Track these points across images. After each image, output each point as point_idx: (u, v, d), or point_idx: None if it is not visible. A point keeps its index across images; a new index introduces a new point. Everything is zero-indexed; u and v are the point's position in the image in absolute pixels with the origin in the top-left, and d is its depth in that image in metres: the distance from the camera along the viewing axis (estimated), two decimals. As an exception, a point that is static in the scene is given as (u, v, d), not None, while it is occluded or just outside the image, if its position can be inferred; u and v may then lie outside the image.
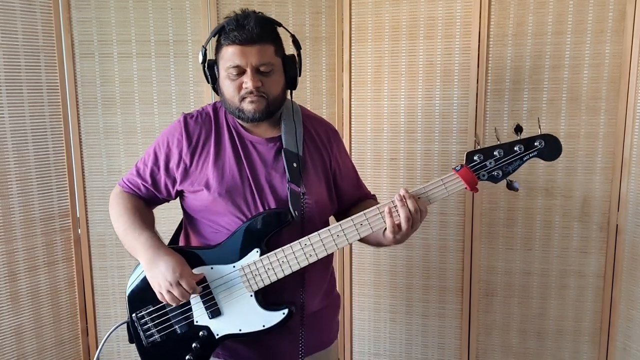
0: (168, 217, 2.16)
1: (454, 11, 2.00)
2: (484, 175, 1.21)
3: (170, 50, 2.07)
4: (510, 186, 1.22)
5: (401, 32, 2.06)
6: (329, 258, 1.34)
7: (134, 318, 1.33)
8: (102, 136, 2.09)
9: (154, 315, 1.32)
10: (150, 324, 1.32)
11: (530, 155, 1.20)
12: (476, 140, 1.24)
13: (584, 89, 1.92)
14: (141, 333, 1.33)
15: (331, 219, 1.46)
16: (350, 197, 1.45)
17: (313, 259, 1.25)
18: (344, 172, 1.43)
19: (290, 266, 1.25)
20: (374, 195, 1.51)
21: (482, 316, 2.14)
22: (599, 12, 1.87)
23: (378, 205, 1.23)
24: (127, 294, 1.35)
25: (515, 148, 1.19)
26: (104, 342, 1.41)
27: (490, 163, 1.20)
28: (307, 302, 1.34)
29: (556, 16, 1.91)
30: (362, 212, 1.23)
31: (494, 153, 1.20)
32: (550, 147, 1.20)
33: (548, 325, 2.09)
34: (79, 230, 2.11)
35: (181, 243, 1.47)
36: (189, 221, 1.41)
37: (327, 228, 1.24)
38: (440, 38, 2.02)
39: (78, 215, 2.11)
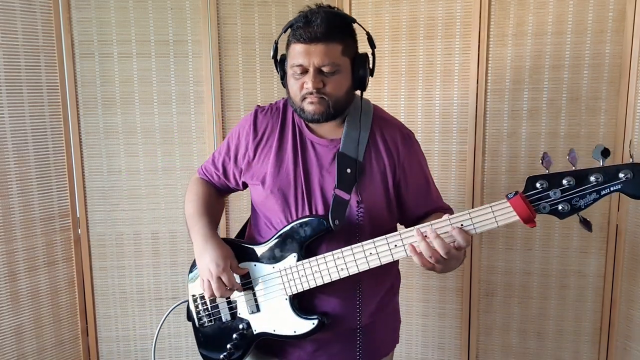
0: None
1: (454, 11, 2.00)
2: (544, 208, 1.00)
3: (170, 50, 2.07)
4: (584, 225, 1.02)
5: (401, 32, 2.06)
6: (386, 269, 1.26)
7: (190, 299, 1.39)
8: (102, 136, 2.08)
9: (205, 300, 1.36)
10: (201, 308, 1.37)
11: (611, 189, 0.97)
12: (543, 162, 0.99)
13: (584, 89, 1.92)
14: (194, 314, 1.38)
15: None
16: (417, 209, 1.34)
17: (344, 274, 1.20)
18: (410, 181, 1.31)
19: (322, 276, 1.21)
20: (450, 208, 1.38)
21: (482, 316, 2.14)
22: (599, 12, 1.87)
23: (414, 227, 1.12)
24: (187, 276, 1.41)
25: (591, 177, 0.97)
26: (165, 317, 1.47)
27: (555, 193, 0.99)
28: (352, 313, 1.28)
29: (556, 16, 1.91)
30: (398, 232, 1.15)
31: (563, 182, 0.98)
32: (639, 181, 0.95)
33: (548, 325, 2.09)
34: (79, 230, 2.11)
35: (246, 233, 1.48)
36: (253, 213, 1.42)
37: (361, 243, 1.17)
38: (440, 38, 2.02)
39: (78, 215, 2.11)
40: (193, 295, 1.38)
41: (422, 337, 2.21)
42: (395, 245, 1.14)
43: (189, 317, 1.41)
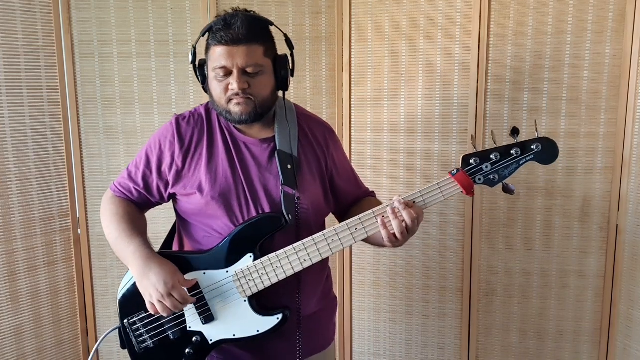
0: (167, 217, 2.16)
1: (454, 11, 2.00)
2: (480, 179, 1.20)
3: (170, 50, 2.07)
4: (506, 189, 1.21)
5: (401, 32, 2.06)
6: (324, 261, 1.32)
7: (126, 324, 1.31)
8: (102, 136, 2.08)
9: (146, 322, 1.30)
10: (142, 330, 1.30)
11: (527, 158, 1.19)
12: (472, 142, 1.24)
13: (584, 89, 1.92)
14: (133, 339, 1.31)
15: (330, 218, 1.46)
16: (349, 197, 1.43)
17: (307, 264, 1.23)
18: (341, 171, 1.40)
19: (284, 271, 1.23)
20: (373, 192, 1.50)
21: (482, 316, 2.14)
22: (599, 12, 1.87)
23: (373, 210, 1.21)
24: (118, 300, 1.33)
25: (511, 151, 1.18)
26: (97, 346, 1.40)
27: (486, 167, 1.19)
28: (303, 305, 1.32)
29: (556, 16, 1.91)
30: (357, 217, 1.21)
31: (491, 156, 1.19)
32: (547, 151, 1.18)
33: (548, 325, 2.09)
34: (79, 230, 2.11)
35: (174, 246, 1.45)
36: (182, 224, 1.39)
37: (321, 232, 1.22)
38: (440, 38, 2.02)
39: (78, 215, 2.11)
40: (129, 319, 1.31)
41: (422, 337, 2.21)
42: (356, 229, 1.22)
43: (124, 344, 1.33)
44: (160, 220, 2.15)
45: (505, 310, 2.12)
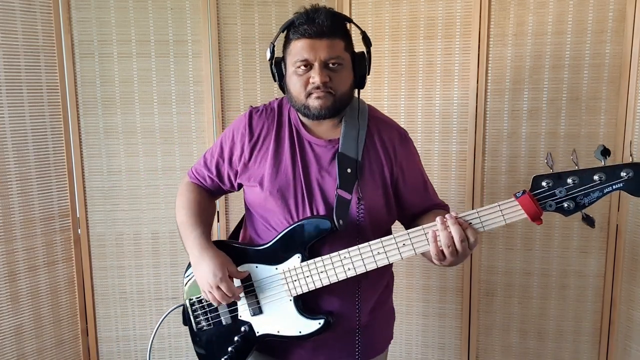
0: (167, 216, 2.16)
1: (454, 11, 2.00)
2: (550, 206, 1.05)
3: (170, 50, 2.07)
4: (587, 220, 1.06)
5: (401, 32, 2.06)
6: (383, 268, 1.26)
7: (187, 304, 1.38)
8: (102, 136, 2.09)
9: (204, 304, 1.35)
10: (200, 312, 1.36)
11: (614, 187, 1.02)
12: (547, 161, 1.04)
13: (584, 89, 1.92)
14: (192, 318, 1.37)
15: (397, 225, 1.40)
16: (415, 207, 1.35)
17: (352, 274, 1.19)
18: (408, 179, 1.32)
19: (328, 277, 1.21)
20: (446, 205, 1.40)
21: (482, 316, 2.14)
22: (599, 12, 1.87)
23: (424, 226, 1.14)
24: (184, 279, 1.39)
25: (594, 177, 1.02)
26: (162, 320, 1.48)
27: (560, 192, 1.04)
28: (351, 313, 1.29)
29: (556, 16, 1.91)
30: (406, 232, 1.16)
31: (567, 180, 1.03)
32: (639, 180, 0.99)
33: (548, 325, 2.09)
34: (79, 230, 2.11)
35: (241, 235, 1.47)
36: (247, 214, 1.41)
37: (368, 243, 1.18)
38: (440, 38, 2.02)
39: (78, 215, 2.11)
40: (190, 299, 1.37)
41: (422, 337, 2.21)
42: (404, 244, 1.15)
43: (186, 321, 1.40)
44: (160, 220, 2.16)
45: (505, 310, 2.12)
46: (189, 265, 1.37)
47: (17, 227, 1.96)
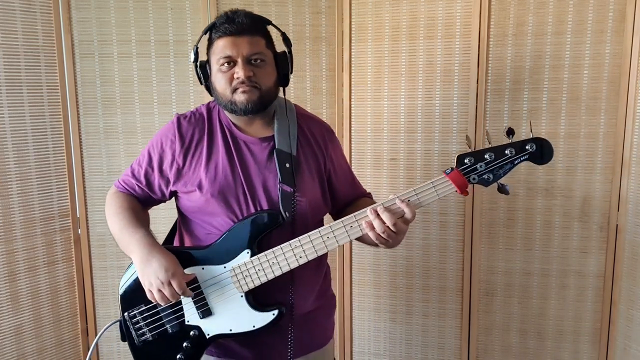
0: (167, 216, 2.16)
1: (454, 11, 2.00)
2: (474, 179, 1.20)
3: (170, 50, 2.07)
4: (501, 189, 1.21)
5: (401, 32, 2.06)
6: (321, 258, 1.35)
7: (126, 317, 1.33)
8: (102, 136, 2.09)
9: (145, 315, 1.32)
10: (142, 323, 1.32)
11: (521, 158, 1.19)
12: (467, 142, 1.22)
13: (584, 89, 1.92)
14: (133, 332, 1.33)
15: (327, 217, 1.46)
16: (346, 197, 1.45)
17: (303, 261, 1.24)
18: (339, 171, 1.42)
19: (280, 267, 1.25)
20: (369, 193, 1.51)
21: (482, 316, 2.14)
22: (599, 12, 1.87)
23: (367, 208, 1.22)
24: (119, 293, 1.36)
25: (506, 151, 1.18)
26: (97, 340, 1.42)
27: (481, 166, 1.19)
28: (299, 302, 1.34)
29: (556, 16, 1.91)
30: (352, 215, 1.22)
31: (485, 156, 1.19)
32: (541, 151, 1.18)
33: (548, 325, 2.09)
34: (79, 230, 2.11)
35: (175, 243, 1.47)
36: (183, 221, 1.41)
37: (317, 230, 1.23)
38: (440, 38, 2.02)
39: (78, 215, 2.11)
40: (129, 312, 1.33)
41: (422, 337, 2.21)
42: (352, 227, 1.23)
43: (124, 337, 1.35)
44: (160, 220, 2.15)
45: (505, 310, 2.12)
46: (125, 278, 1.34)
47: (17, 227, 1.96)
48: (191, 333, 1.30)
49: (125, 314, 1.33)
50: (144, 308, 1.32)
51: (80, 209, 2.10)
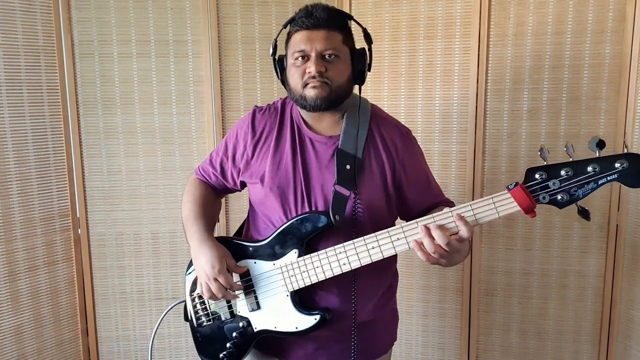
0: (167, 216, 2.16)
1: (454, 11, 2.00)
2: (544, 198, 1.03)
3: (170, 50, 2.07)
4: (582, 213, 1.04)
5: (401, 32, 2.06)
6: (383, 269, 1.29)
7: (189, 298, 1.38)
8: (102, 136, 2.09)
9: (203, 299, 1.35)
10: (200, 307, 1.36)
11: (609, 178, 1.00)
12: (541, 154, 1.03)
13: (584, 89, 1.92)
14: (192, 314, 1.38)
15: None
16: (419, 205, 1.34)
17: (346, 268, 1.19)
18: (410, 177, 1.32)
19: (323, 272, 1.21)
20: (451, 201, 1.38)
21: (482, 316, 2.14)
22: (599, 12, 1.87)
23: (417, 220, 1.13)
24: (185, 275, 1.40)
25: (588, 168, 1.00)
26: (163, 317, 1.49)
27: (554, 184, 1.02)
28: (358, 310, 1.29)
29: (556, 16, 1.91)
30: (399, 226, 1.15)
31: (561, 172, 1.01)
32: (635, 170, 0.99)
33: (548, 325, 2.09)
34: (79, 230, 2.11)
35: (244, 233, 1.48)
36: (251, 212, 1.42)
37: (362, 237, 1.18)
38: (440, 38, 2.02)
39: (78, 215, 2.11)
40: (191, 295, 1.38)
41: (422, 337, 2.21)
42: (398, 238, 1.14)
43: (187, 317, 1.41)
44: (160, 220, 2.16)
45: (505, 310, 2.12)
46: (191, 262, 1.38)
47: (17, 227, 1.96)
48: (240, 324, 1.31)
49: (188, 296, 1.38)
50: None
51: (80, 209, 2.10)
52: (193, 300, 1.37)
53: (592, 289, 2.02)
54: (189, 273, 1.40)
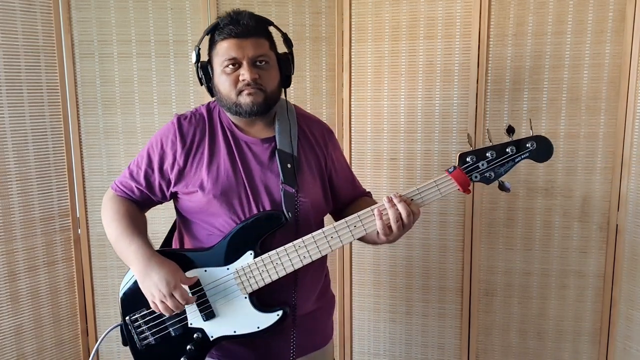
0: (166, 216, 2.16)
1: (454, 11, 2.00)
2: (476, 177, 1.22)
3: (170, 50, 2.07)
4: (502, 187, 1.23)
5: (401, 32, 2.06)
6: (322, 259, 1.35)
7: (128, 321, 1.32)
8: (102, 136, 2.09)
9: (147, 318, 1.31)
10: (144, 327, 1.31)
11: (522, 156, 1.21)
12: (469, 141, 1.23)
13: (584, 89, 1.92)
14: (135, 336, 1.32)
15: (327, 218, 1.46)
16: (346, 196, 1.45)
17: (307, 261, 1.24)
18: (339, 171, 1.42)
19: (284, 268, 1.24)
20: (369, 192, 1.51)
21: (482, 316, 2.14)
22: (599, 12, 1.87)
23: (371, 207, 1.22)
24: (119, 297, 1.34)
25: (507, 149, 1.20)
26: (99, 344, 1.39)
27: (482, 164, 1.21)
28: (301, 303, 1.34)
29: (556, 16, 1.91)
30: (355, 214, 1.23)
31: (487, 154, 1.20)
32: (541, 149, 1.20)
33: (548, 325, 2.09)
34: (79, 230, 2.11)
35: (174, 245, 1.46)
36: (183, 223, 1.40)
37: (320, 230, 1.23)
38: (440, 38, 2.02)
39: (78, 215, 2.11)
40: (130, 316, 1.32)
41: (422, 337, 2.21)
42: (355, 226, 1.23)
43: (126, 341, 1.34)
44: (160, 220, 2.15)
45: (505, 310, 2.12)
46: (125, 282, 1.33)
47: (17, 227, 1.96)
48: (195, 335, 1.29)
49: (127, 317, 1.32)
50: (146, 312, 1.30)
51: (80, 209, 2.10)
52: (135, 320, 1.31)
53: (592, 289, 2.02)
54: (124, 290, 1.33)
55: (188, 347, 1.29)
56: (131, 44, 2.05)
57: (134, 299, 1.30)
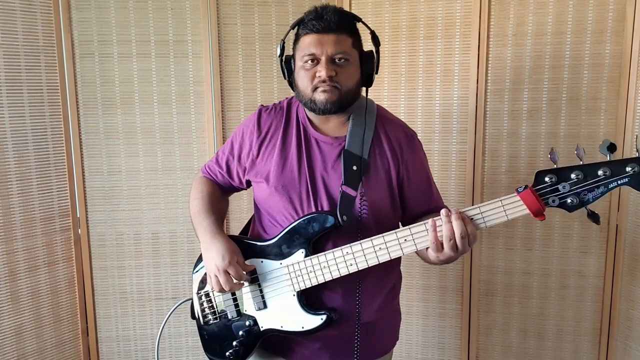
0: (167, 216, 2.16)
1: (454, 11, 2.00)
2: (554, 201, 1.02)
3: (170, 50, 2.07)
4: (592, 217, 1.04)
5: (401, 32, 2.06)
6: (388, 270, 1.30)
7: (195, 296, 1.39)
8: (102, 136, 2.09)
9: (212, 297, 1.36)
10: (206, 305, 1.36)
11: (619, 182, 0.99)
12: (551, 156, 1.02)
13: (584, 89, 1.92)
14: (199, 312, 1.38)
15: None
16: (417, 208, 1.34)
17: (353, 269, 1.20)
18: (413, 180, 1.32)
19: (330, 272, 1.22)
20: (447, 208, 1.41)
21: (482, 316, 2.14)
22: (599, 12, 1.87)
23: (425, 221, 1.14)
24: (192, 273, 1.41)
25: (599, 171, 0.99)
26: (169, 315, 1.49)
27: (564, 187, 1.01)
28: (362, 310, 1.29)
29: (556, 16, 1.91)
30: (407, 227, 1.16)
31: (571, 175, 1.00)
32: None
33: (548, 325, 2.09)
34: (79, 230, 2.11)
35: (250, 231, 1.49)
36: (256, 210, 1.42)
37: (370, 239, 1.18)
38: (440, 38, 2.02)
39: (78, 215, 2.11)
40: (198, 293, 1.38)
41: (422, 337, 2.21)
42: (405, 240, 1.15)
43: (194, 315, 1.41)
44: (160, 220, 2.16)
45: (505, 310, 2.12)
46: (198, 260, 1.39)
47: (17, 227, 1.96)
48: (247, 322, 1.31)
49: (195, 293, 1.39)
50: (210, 290, 1.35)
51: (80, 209, 2.10)
52: (200, 298, 1.38)
53: (592, 289, 2.02)
54: (197, 271, 1.40)
55: (240, 332, 1.31)
56: (131, 44, 2.05)
57: (204, 277, 1.36)
